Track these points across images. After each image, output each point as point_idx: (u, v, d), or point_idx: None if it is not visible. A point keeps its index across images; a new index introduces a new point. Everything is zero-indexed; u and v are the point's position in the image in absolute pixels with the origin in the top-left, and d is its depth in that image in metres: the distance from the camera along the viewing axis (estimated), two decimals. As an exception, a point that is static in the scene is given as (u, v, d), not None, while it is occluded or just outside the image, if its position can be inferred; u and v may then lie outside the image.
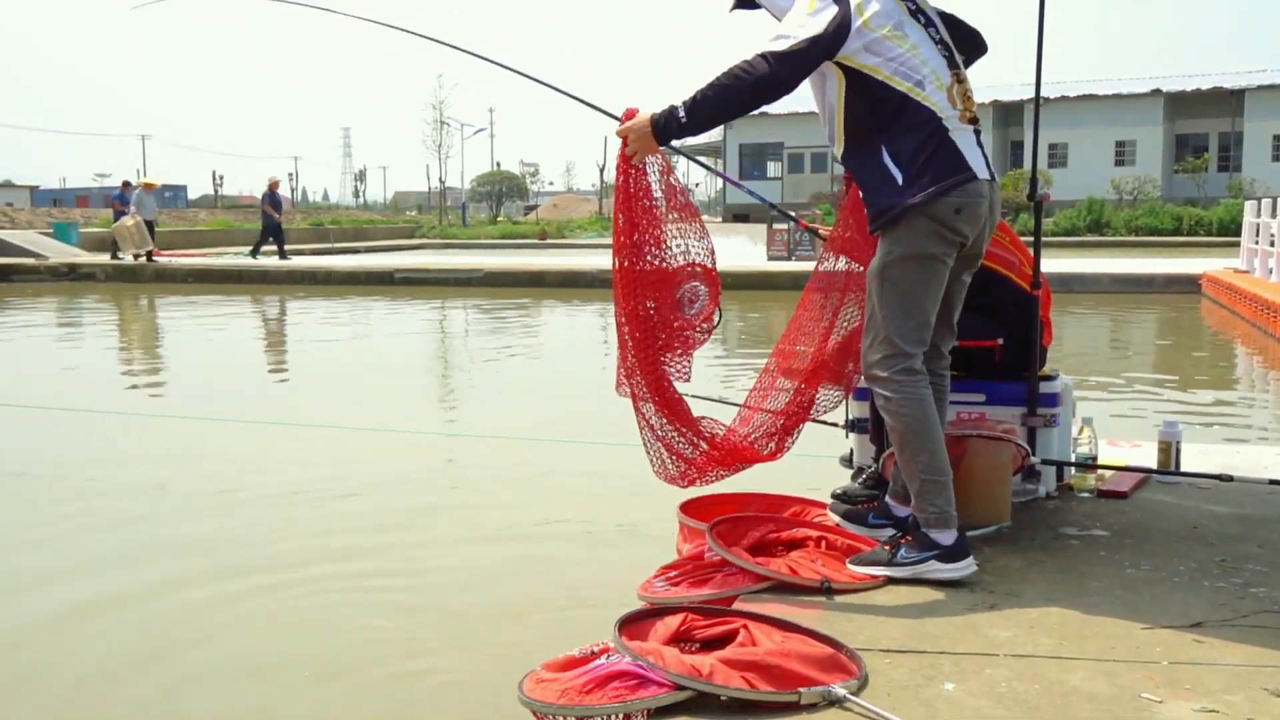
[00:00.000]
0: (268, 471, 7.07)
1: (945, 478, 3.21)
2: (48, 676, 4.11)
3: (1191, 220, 39.82)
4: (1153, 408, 9.01)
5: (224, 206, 65.36)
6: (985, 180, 3.25)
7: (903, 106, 3.15)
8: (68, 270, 25.88)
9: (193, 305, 19.67)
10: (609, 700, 2.36)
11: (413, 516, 6.05)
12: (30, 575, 5.22)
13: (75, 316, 19.02)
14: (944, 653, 2.65)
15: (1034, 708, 2.35)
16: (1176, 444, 4.37)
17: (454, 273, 23.38)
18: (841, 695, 2.36)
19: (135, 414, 9.19)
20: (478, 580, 5.09)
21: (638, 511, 5.92)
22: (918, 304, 3.22)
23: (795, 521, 3.50)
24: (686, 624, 2.67)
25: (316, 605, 4.76)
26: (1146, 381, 10.70)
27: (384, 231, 48.75)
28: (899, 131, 3.17)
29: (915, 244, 3.17)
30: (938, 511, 3.18)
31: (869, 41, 3.12)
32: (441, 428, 8.81)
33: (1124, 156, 51.25)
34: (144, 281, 24.66)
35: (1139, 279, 19.13)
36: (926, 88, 3.17)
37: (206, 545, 5.57)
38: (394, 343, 14.84)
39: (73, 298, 21.83)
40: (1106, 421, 7.26)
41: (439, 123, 57.31)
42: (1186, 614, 2.89)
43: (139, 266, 25.64)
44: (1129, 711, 2.34)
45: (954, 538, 3.17)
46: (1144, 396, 9.74)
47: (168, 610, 4.73)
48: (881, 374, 3.22)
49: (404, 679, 4.04)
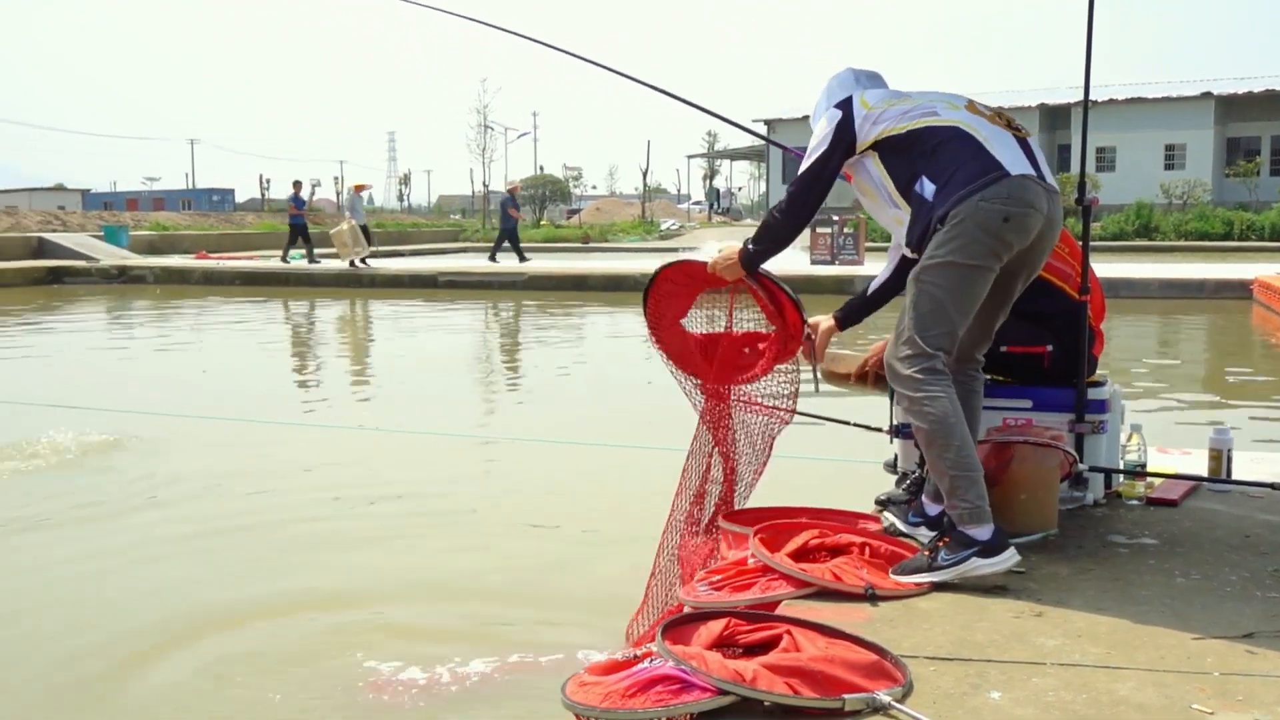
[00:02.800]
0: (312, 471, 7.13)
1: (974, 472, 3.18)
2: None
3: (1243, 225, 39.23)
4: (1203, 415, 8.89)
5: (271, 210, 65.86)
6: (1029, 181, 3.22)
7: (928, 136, 3.30)
8: (118, 272, 26.17)
9: (255, 308, 19.85)
10: (652, 704, 2.36)
11: (457, 517, 6.08)
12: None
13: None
14: (990, 661, 2.62)
15: (1082, 718, 2.32)
16: (1228, 451, 4.30)
17: (497, 276, 23.45)
18: (886, 702, 2.35)
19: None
20: (522, 582, 5.11)
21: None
22: (947, 312, 3.22)
23: (838, 528, 3.48)
24: (730, 629, 2.65)
25: (359, 604, 4.79)
26: (1197, 388, 10.57)
27: (428, 235, 49.00)
28: (932, 156, 3.28)
29: (953, 252, 3.18)
30: (970, 506, 3.15)
31: (876, 117, 3.37)
32: (486, 431, 8.83)
33: (1173, 160, 50.55)
34: (193, 284, 24.87)
35: (1189, 284, 18.86)
36: (942, 114, 3.34)
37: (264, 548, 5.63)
38: (448, 345, 14.91)
39: (153, 301, 22.09)
40: (1156, 428, 7.18)
41: (483, 126, 57.50)
42: (1238, 624, 2.85)
43: (187, 270, 25.90)
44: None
45: (990, 531, 3.14)
46: (1194, 403, 9.62)
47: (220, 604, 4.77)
48: (904, 372, 3.24)
49: (447, 680, 4.05)
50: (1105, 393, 3.98)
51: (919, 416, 3.21)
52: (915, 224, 3.31)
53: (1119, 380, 4.22)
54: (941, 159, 3.26)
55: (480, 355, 14.21)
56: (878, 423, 4.36)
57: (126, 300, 22.20)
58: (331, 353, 14.60)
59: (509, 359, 13.76)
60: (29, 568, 5.43)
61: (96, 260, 27.46)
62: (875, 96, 3.44)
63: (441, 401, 10.14)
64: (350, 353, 14.58)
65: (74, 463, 7.26)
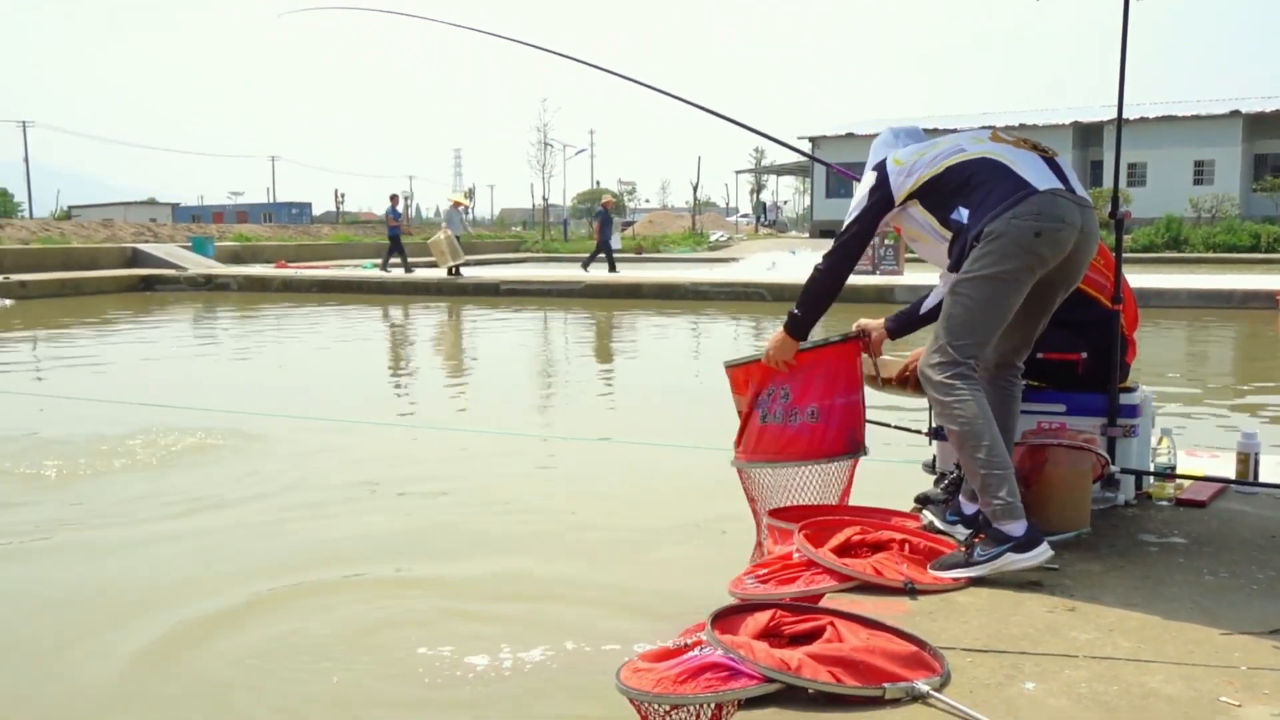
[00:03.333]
0: (399, 467, 7.19)
1: (1005, 470, 3.17)
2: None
3: (1270, 237, 38.72)
4: (1231, 419, 8.76)
5: (345, 222, 66.70)
6: (1058, 197, 3.22)
7: (960, 170, 3.34)
8: (205, 280, 26.54)
9: (340, 315, 20.05)
10: (702, 690, 2.36)
11: (521, 512, 6.11)
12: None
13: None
14: (1025, 653, 2.60)
15: (1113, 709, 2.30)
16: (1255, 455, 4.24)
17: (556, 284, 23.54)
18: (925, 691, 2.33)
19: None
20: (583, 572, 5.12)
21: (729, 513, 5.91)
22: (979, 323, 3.24)
23: (880, 525, 3.46)
24: (775, 620, 2.65)
25: (423, 594, 4.83)
26: (1225, 394, 10.41)
27: (491, 246, 49.26)
28: (965, 187, 3.31)
29: (986, 267, 3.20)
30: (1002, 503, 3.13)
31: (909, 170, 3.43)
32: (546, 430, 8.86)
33: (1202, 175, 49.98)
34: (272, 291, 25.19)
35: (1218, 294, 18.59)
36: (969, 149, 3.39)
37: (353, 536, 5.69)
38: (513, 349, 14.99)
39: (240, 306, 22.39)
40: (1185, 432, 7.08)
41: (543, 144, 57.82)
42: (1265, 620, 2.81)
43: (268, 278, 26.23)
44: (1207, 714, 2.27)
45: (1024, 527, 3.12)
46: (1223, 409, 9.47)
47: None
48: (935, 377, 3.25)
49: (508, 666, 4.06)
50: (1136, 398, 3.94)
51: (950, 420, 3.21)
52: (954, 245, 3.34)
53: (1150, 386, 4.16)
54: (974, 187, 3.29)
55: (546, 358, 14.25)
56: (917, 425, 4.34)
57: (212, 306, 22.51)
58: (409, 356, 14.66)
59: (574, 362, 13.79)
60: (136, 545, 5.55)
61: (185, 269, 27.89)
62: (906, 153, 3.50)
63: (509, 401, 10.17)
64: (428, 355, 14.65)
65: (176, 457, 7.36)
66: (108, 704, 3.87)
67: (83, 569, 5.27)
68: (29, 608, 4.78)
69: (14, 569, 5.30)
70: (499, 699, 3.84)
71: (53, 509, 6.17)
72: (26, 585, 5.06)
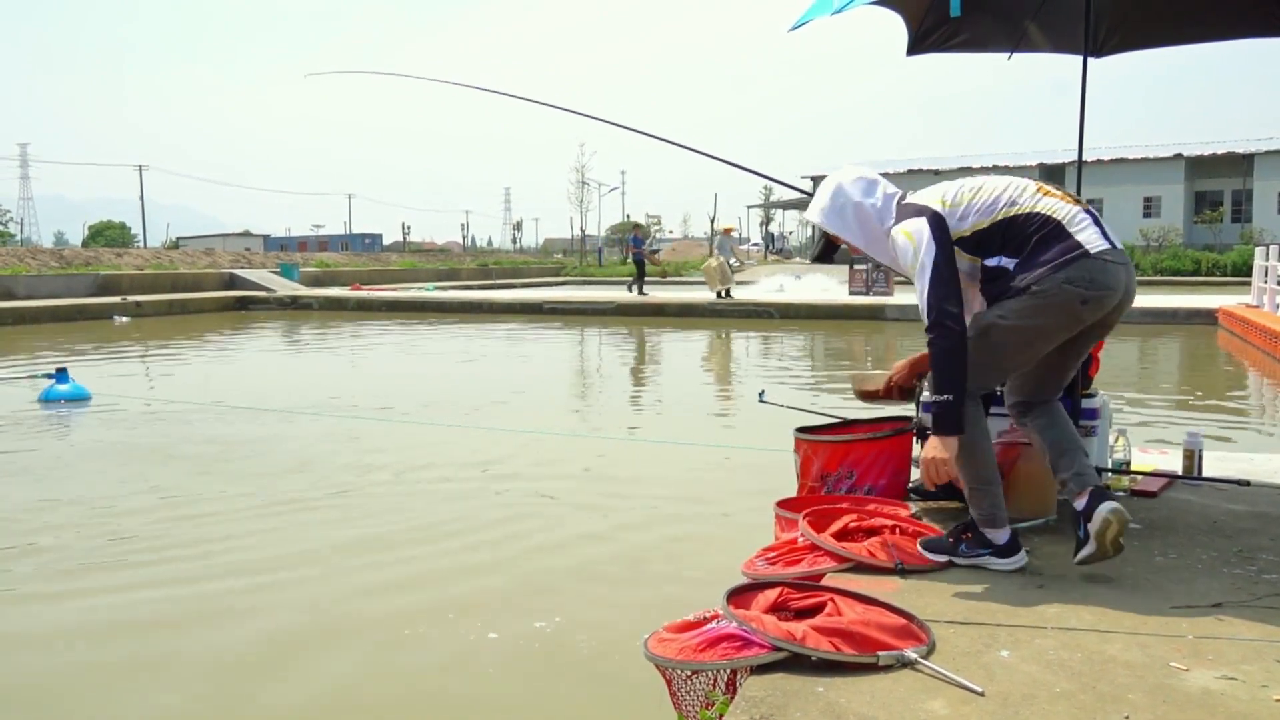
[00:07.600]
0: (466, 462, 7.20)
1: (991, 485, 3.07)
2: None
3: (1209, 263, 38.66)
4: (1178, 420, 8.67)
5: (410, 250, 67.01)
6: (1109, 263, 2.88)
7: (1017, 224, 2.94)
8: (291, 301, 26.74)
9: (401, 329, 20.13)
10: (719, 657, 2.35)
11: (561, 505, 6.11)
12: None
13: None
14: (1000, 625, 2.58)
15: (1077, 673, 2.27)
16: (1199, 452, 4.21)
17: (591, 304, 23.62)
18: (913, 658, 2.32)
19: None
20: (616, 554, 5.11)
21: (742, 504, 5.90)
22: (1000, 366, 3.04)
23: (874, 513, 3.44)
24: (782, 596, 2.63)
25: (480, 564, 4.83)
26: (1172, 399, 10.30)
27: (535, 270, 49.50)
28: (1019, 240, 2.93)
29: (1025, 318, 2.90)
30: (986, 513, 3.06)
31: (961, 213, 2.98)
32: (587, 429, 8.86)
33: (1151, 209, 49.97)
34: (348, 310, 25.36)
35: (1164, 312, 18.48)
36: (1022, 202, 2.97)
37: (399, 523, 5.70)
38: (565, 361, 15.00)
39: (321, 323, 22.52)
40: (1138, 432, 7.01)
41: (581, 183, 58.04)
42: (1208, 596, 2.78)
43: (344, 298, 26.39)
44: (1159, 678, 2.24)
45: (1006, 536, 3.05)
46: (1170, 411, 9.38)
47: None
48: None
49: (545, 634, 4.06)
50: (1096, 402, 3.91)
51: None
52: (989, 286, 2.99)
53: (1107, 391, 4.12)
54: (1024, 240, 2.91)
55: (599, 370, 14.26)
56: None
57: (297, 322, 22.65)
58: (477, 365, 14.69)
59: (604, 372, 13.79)
60: (269, 533, 5.50)
61: (274, 291, 28.08)
62: (938, 193, 3.07)
63: (565, 407, 10.15)
64: (494, 365, 14.67)
65: (302, 455, 7.40)
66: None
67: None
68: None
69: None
70: (536, 660, 3.86)
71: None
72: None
